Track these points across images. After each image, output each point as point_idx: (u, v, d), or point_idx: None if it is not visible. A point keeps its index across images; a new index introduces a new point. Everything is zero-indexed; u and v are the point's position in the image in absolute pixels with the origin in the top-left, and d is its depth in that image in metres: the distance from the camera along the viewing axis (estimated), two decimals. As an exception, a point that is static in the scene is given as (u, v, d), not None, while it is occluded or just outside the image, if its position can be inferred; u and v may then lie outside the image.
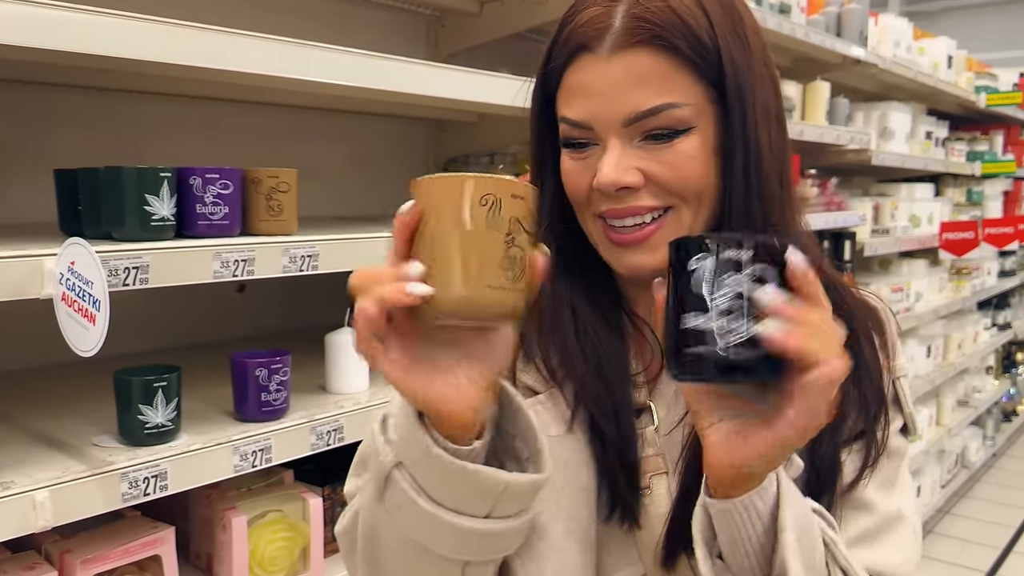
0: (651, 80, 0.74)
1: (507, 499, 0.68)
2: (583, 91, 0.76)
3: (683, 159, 0.76)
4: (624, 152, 0.76)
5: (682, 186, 0.77)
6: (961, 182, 4.77)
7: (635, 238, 0.78)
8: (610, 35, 0.74)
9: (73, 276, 1.04)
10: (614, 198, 0.77)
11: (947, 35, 4.40)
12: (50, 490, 1.09)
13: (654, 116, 0.75)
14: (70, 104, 1.66)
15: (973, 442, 5.01)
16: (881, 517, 0.82)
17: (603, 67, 0.75)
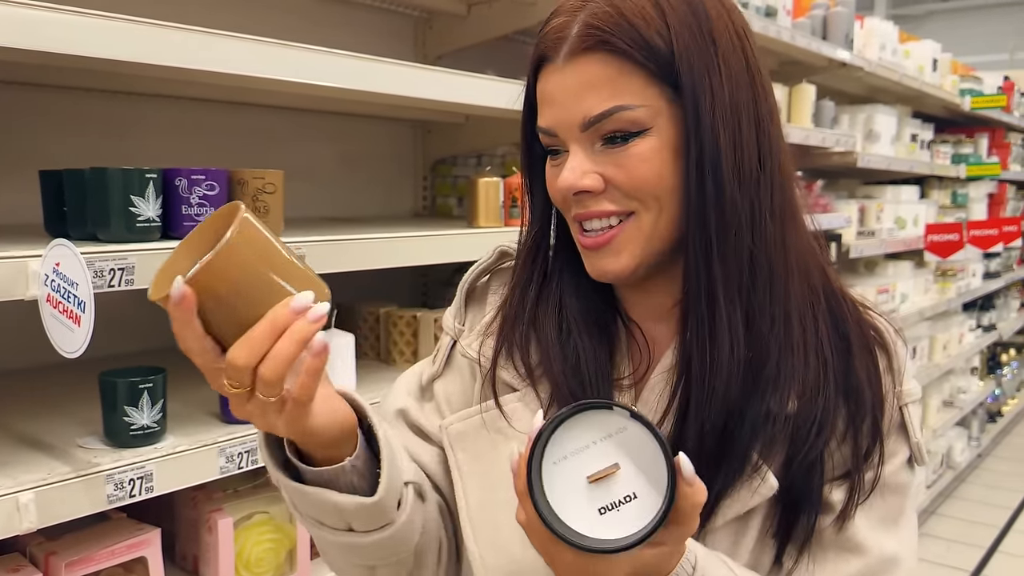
0: (602, 84, 0.75)
1: (352, 517, 0.76)
2: (548, 100, 0.79)
3: (637, 161, 0.76)
4: (584, 157, 0.78)
5: (637, 189, 0.76)
6: (946, 184, 4.81)
7: (597, 242, 0.79)
8: (566, 44, 0.76)
9: (58, 277, 1.04)
10: (581, 202, 0.79)
11: (932, 38, 4.44)
12: (34, 492, 1.09)
13: (607, 119, 0.75)
14: (55, 104, 1.66)
15: (958, 443, 5.04)
16: (875, 560, 0.78)
17: (559, 75, 0.77)
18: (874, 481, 0.78)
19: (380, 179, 2.31)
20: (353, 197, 2.24)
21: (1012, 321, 6.05)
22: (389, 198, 2.36)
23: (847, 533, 0.78)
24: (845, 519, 0.78)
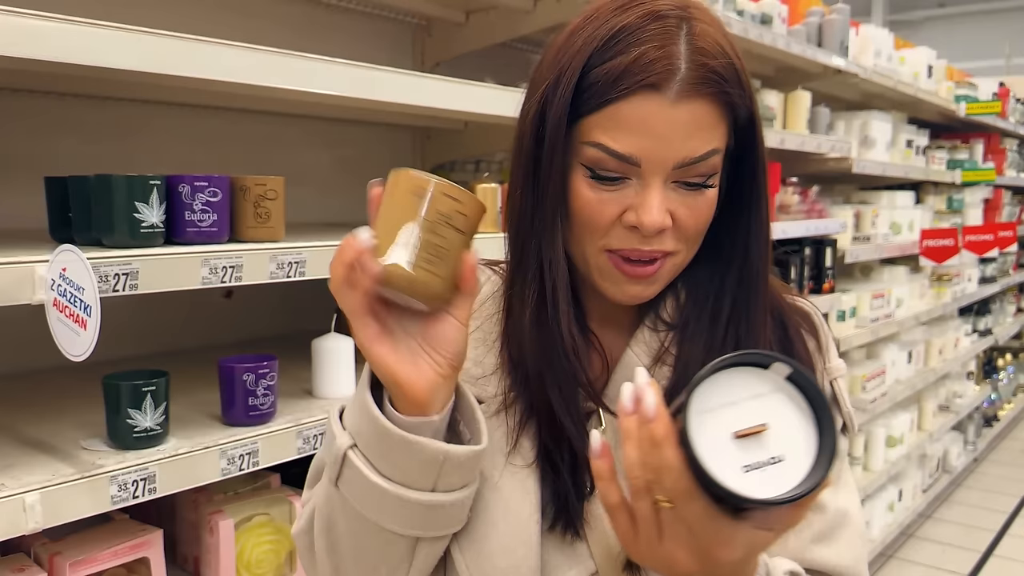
0: (707, 128, 0.77)
1: (448, 470, 0.73)
2: (639, 127, 0.75)
3: (706, 206, 0.80)
4: (664, 195, 0.77)
5: (696, 230, 0.80)
6: (942, 190, 4.84)
7: (645, 272, 0.80)
8: (677, 80, 0.74)
9: (64, 282, 1.06)
10: (639, 239, 0.78)
11: (929, 44, 4.47)
12: (40, 493, 1.11)
13: (703, 162, 0.77)
14: (59, 111, 1.68)
15: (954, 447, 5.07)
16: (832, 516, 0.86)
17: (668, 110, 0.75)
18: None
19: (379, 185, 2.33)
20: (353, 203, 2.26)
21: (1008, 326, 6.08)
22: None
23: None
24: None
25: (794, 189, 3.10)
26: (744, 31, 2.52)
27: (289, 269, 1.38)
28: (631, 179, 0.78)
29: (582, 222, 0.80)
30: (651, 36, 0.75)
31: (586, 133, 0.78)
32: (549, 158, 0.80)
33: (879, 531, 4.02)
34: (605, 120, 0.76)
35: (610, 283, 0.82)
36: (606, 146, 0.76)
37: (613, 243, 0.79)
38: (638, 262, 0.79)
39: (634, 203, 0.78)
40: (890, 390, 3.94)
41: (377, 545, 0.77)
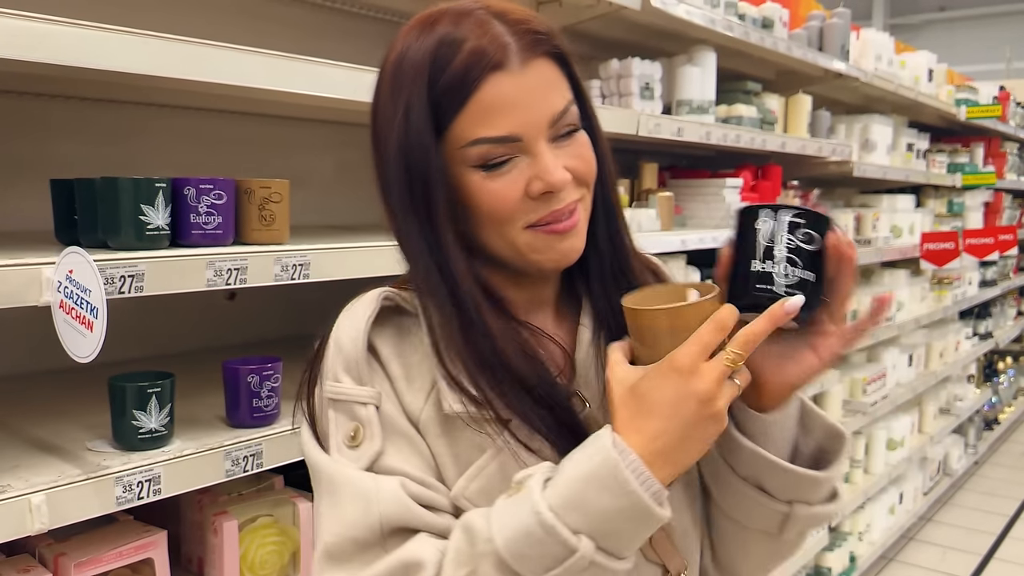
0: (555, 82, 0.84)
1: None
2: (504, 106, 0.80)
3: (585, 149, 0.86)
4: (553, 152, 0.83)
5: (589, 172, 0.87)
6: (942, 193, 4.84)
7: (571, 224, 0.84)
8: (514, 52, 0.80)
9: (71, 284, 1.07)
10: (554, 200, 0.83)
11: (929, 48, 4.48)
12: (46, 494, 1.12)
13: (566, 114, 0.83)
14: (65, 114, 1.69)
15: (955, 450, 5.07)
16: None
17: (519, 79, 0.80)
18: None
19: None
20: (355, 205, 2.27)
21: (1008, 329, 6.08)
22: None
23: None
24: None
25: (795, 192, 3.11)
26: (745, 35, 2.53)
27: (293, 272, 1.39)
28: (517, 156, 0.82)
29: (492, 215, 0.83)
30: (471, 29, 0.81)
31: (460, 137, 0.81)
32: (426, 179, 0.82)
33: (880, 534, 4.02)
34: (472, 116, 0.80)
35: (542, 253, 0.85)
36: (486, 137, 0.80)
37: (531, 217, 0.83)
38: (560, 220, 0.84)
39: (532, 174, 0.82)
40: (891, 393, 3.94)
41: None
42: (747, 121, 2.67)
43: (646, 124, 2.16)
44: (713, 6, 2.42)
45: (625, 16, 2.18)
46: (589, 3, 2.10)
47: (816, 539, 3.32)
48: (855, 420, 3.57)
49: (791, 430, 0.88)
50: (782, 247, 0.80)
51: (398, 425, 0.83)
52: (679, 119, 2.34)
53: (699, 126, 2.37)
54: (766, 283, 0.80)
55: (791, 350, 0.84)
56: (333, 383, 0.84)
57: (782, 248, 0.80)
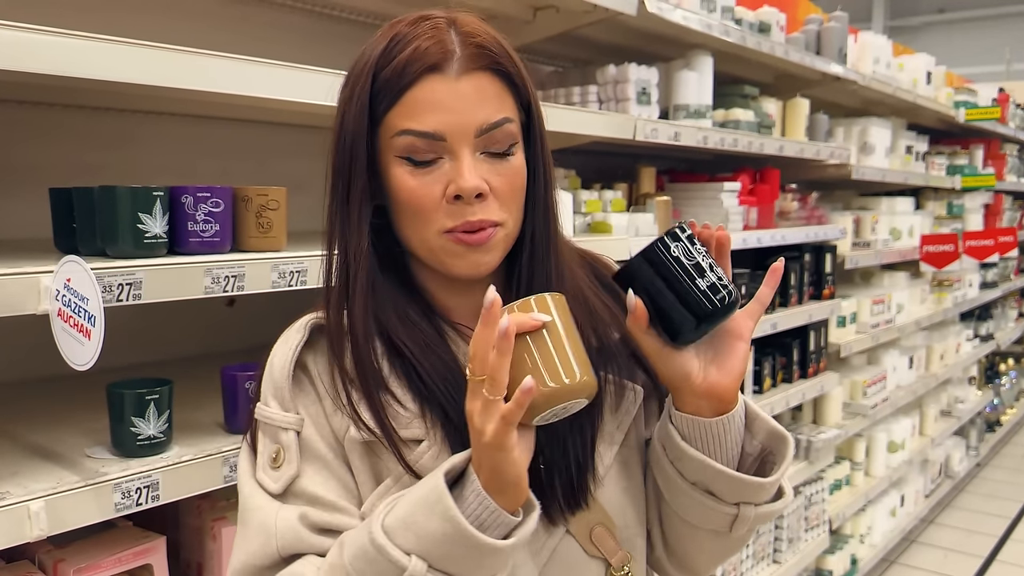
0: (492, 98, 0.86)
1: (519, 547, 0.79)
2: (434, 106, 0.84)
3: (514, 172, 0.88)
4: (475, 163, 0.85)
5: (514, 197, 0.89)
6: (942, 195, 4.85)
7: (480, 239, 0.87)
8: (456, 59, 0.85)
9: (69, 292, 1.08)
10: (467, 210, 0.85)
11: (929, 50, 4.49)
12: (45, 500, 1.12)
13: (498, 128, 0.86)
14: (63, 122, 1.70)
15: (956, 452, 5.07)
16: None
17: (453, 85, 0.84)
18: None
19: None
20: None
21: (1010, 331, 6.08)
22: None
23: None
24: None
25: (793, 195, 3.12)
26: (742, 39, 2.54)
27: (291, 278, 1.39)
28: (444, 157, 0.86)
29: (413, 210, 0.87)
30: (423, 32, 0.86)
31: (392, 127, 0.86)
32: (352, 158, 0.88)
33: (881, 536, 4.02)
34: (404, 109, 0.85)
35: (455, 259, 0.88)
36: (411, 129, 0.85)
37: (447, 223, 0.86)
38: (472, 232, 0.86)
39: (451, 176, 0.85)
40: (891, 395, 3.95)
41: None
42: (744, 125, 2.68)
43: (643, 129, 2.17)
44: (710, 11, 2.43)
45: (621, 22, 2.18)
46: (586, 9, 2.10)
47: (817, 542, 3.33)
48: (855, 422, 3.57)
49: (737, 433, 0.90)
50: (704, 258, 0.85)
51: (317, 450, 0.89)
52: (676, 124, 2.35)
53: (696, 130, 2.38)
54: (717, 292, 0.84)
55: (719, 347, 0.88)
56: (262, 406, 0.91)
57: (705, 258, 0.85)
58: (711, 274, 0.84)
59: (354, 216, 0.89)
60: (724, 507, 0.90)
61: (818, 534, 3.33)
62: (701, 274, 0.84)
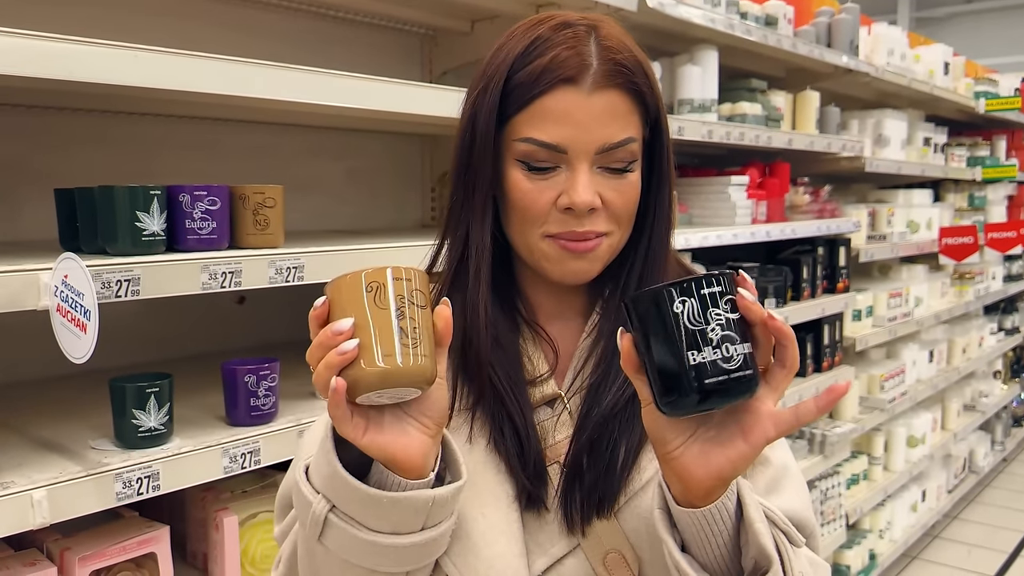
0: (621, 116, 0.86)
1: (436, 510, 0.78)
2: (561, 118, 0.85)
3: (631, 188, 0.89)
4: (591, 177, 0.86)
5: (626, 212, 0.89)
6: (963, 187, 4.79)
7: (586, 247, 0.88)
8: (591, 73, 0.84)
9: (66, 288, 1.11)
10: (574, 221, 0.86)
11: (955, 40, 4.44)
12: (47, 489, 1.16)
13: (621, 148, 0.86)
14: (75, 126, 1.75)
15: (981, 447, 5.01)
16: (776, 467, 0.92)
17: (585, 100, 0.84)
18: None
19: (388, 192, 2.39)
20: (362, 210, 2.32)
21: (1036, 324, 5.99)
22: (398, 211, 2.43)
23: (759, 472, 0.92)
24: None
25: (805, 189, 3.10)
26: (747, 33, 2.54)
27: (288, 274, 1.43)
28: (561, 167, 0.86)
29: (522, 212, 0.88)
30: (563, 40, 0.86)
31: (516, 131, 0.87)
32: (480, 154, 0.89)
33: (901, 532, 3.99)
34: (531, 116, 0.86)
35: (554, 264, 0.89)
36: (534, 138, 0.86)
37: (552, 228, 0.87)
38: (578, 241, 0.87)
39: (566, 187, 0.86)
40: (910, 390, 3.91)
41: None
42: (751, 119, 2.67)
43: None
44: (714, 5, 2.43)
45: (623, 18, 2.19)
46: (587, 5, 2.12)
47: (833, 537, 3.31)
48: (872, 417, 3.55)
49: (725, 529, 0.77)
50: (715, 327, 0.68)
51: None
52: (680, 118, 2.36)
53: (700, 124, 2.39)
54: (711, 375, 0.68)
55: (719, 434, 0.73)
56: None
57: (716, 329, 0.68)
58: (720, 349, 0.67)
59: (478, 210, 0.90)
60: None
61: (834, 528, 3.32)
62: (704, 344, 0.68)
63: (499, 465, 0.88)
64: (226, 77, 1.35)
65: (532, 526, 0.88)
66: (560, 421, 0.91)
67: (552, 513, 0.88)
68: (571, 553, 0.87)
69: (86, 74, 1.18)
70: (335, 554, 0.78)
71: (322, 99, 1.49)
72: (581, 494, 0.86)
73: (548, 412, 0.91)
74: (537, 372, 0.92)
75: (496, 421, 0.89)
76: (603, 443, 0.87)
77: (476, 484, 0.87)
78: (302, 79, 1.45)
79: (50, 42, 1.14)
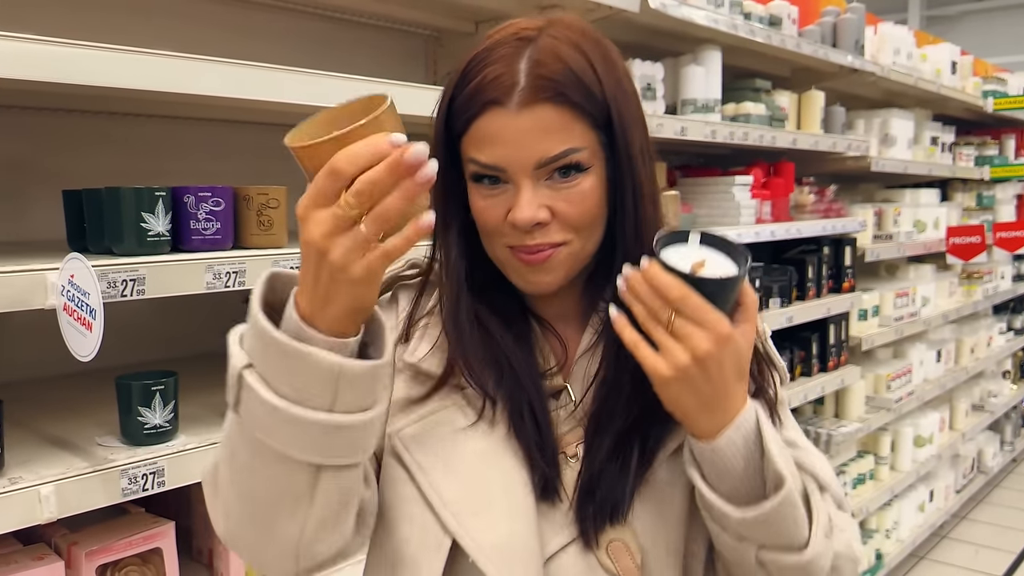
0: (555, 130, 0.85)
1: (344, 386, 0.73)
2: (494, 140, 0.85)
3: (581, 197, 0.87)
4: (535, 192, 0.86)
5: (581, 220, 0.88)
6: (971, 187, 4.78)
7: (536, 259, 0.89)
8: (517, 92, 0.84)
9: (73, 288, 1.14)
10: (525, 234, 0.87)
11: (967, 39, 4.44)
12: (55, 485, 1.19)
13: (560, 160, 0.86)
14: (84, 128, 1.77)
15: (990, 447, 4.99)
16: (803, 449, 0.97)
17: (513, 120, 0.84)
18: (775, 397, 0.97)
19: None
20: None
21: (1046, 324, 5.96)
22: (403, 210, 2.46)
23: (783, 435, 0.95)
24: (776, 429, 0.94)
25: (810, 188, 3.11)
26: (750, 33, 2.55)
27: (291, 274, 1.45)
28: (508, 183, 0.88)
29: (481, 226, 0.91)
30: (495, 59, 0.86)
31: (465, 150, 0.89)
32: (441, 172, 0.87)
33: (908, 532, 3.98)
34: (472, 138, 0.87)
35: (517, 275, 0.92)
36: (475, 159, 0.87)
37: (510, 240, 0.89)
38: (531, 253, 0.88)
39: (512, 203, 0.87)
40: (917, 389, 3.91)
41: (278, 474, 0.76)
42: (755, 119, 2.68)
43: (648, 124, 2.19)
44: (717, 5, 2.44)
45: (626, 18, 2.21)
46: (589, 7, 2.13)
47: (839, 536, 3.31)
48: (879, 416, 3.55)
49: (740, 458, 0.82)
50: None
51: None
52: (682, 118, 2.37)
53: (703, 124, 2.40)
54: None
55: None
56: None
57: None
58: None
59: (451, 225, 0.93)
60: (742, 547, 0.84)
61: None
62: None
63: (517, 452, 0.90)
64: (225, 79, 1.37)
65: (542, 509, 0.90)
66: (566, 414, 0.93)
67: (562, 502, 0.90)
68: (574, 541, 0.89)
69: (89, 78, 1.20)
70: (248, 430, 0.75)
71: (324, 101, 1.51)
72: (594, 507, 0.88)
73: (553, 404, 0.94)
74: (547, 366, 0.95)
75: (517, 408, 0.90)
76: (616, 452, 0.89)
77: (496, 465, 0.89)
78: (304, 81, 1.48)
79: (54, 46, 1.17)
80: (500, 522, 0.87)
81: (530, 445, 0.89)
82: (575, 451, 0.92)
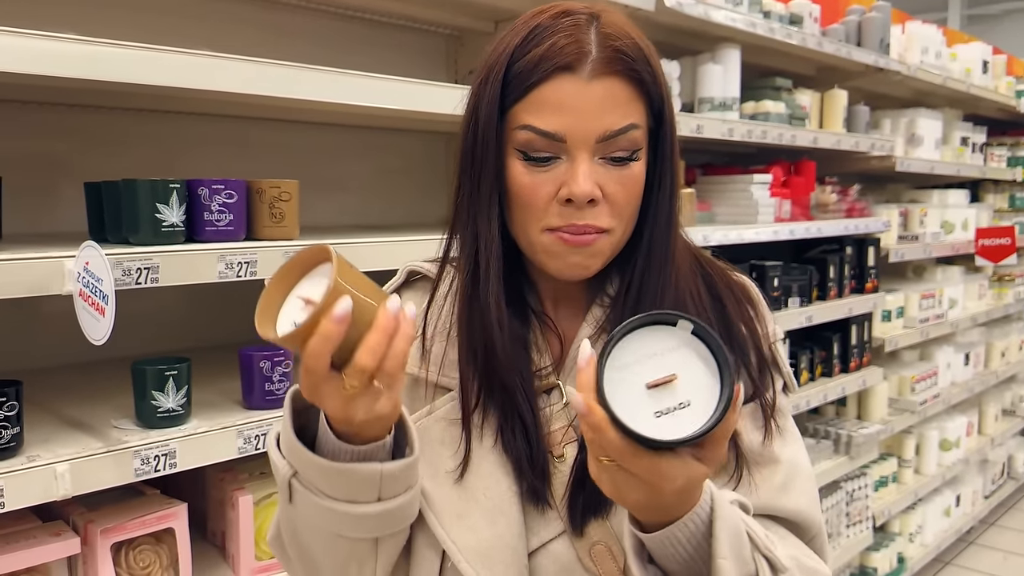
0: (622, 104, 0.85)
1: (388, 483, 0.80)
2: (559, 106, 0.84)
3: (633, 180, 0.87)
4: (591, 167, 0.85)
5: (628, 204, 0.88)
6: (1003, 188, 4.71)
7: (584, 240, 0.87)
8: (590, 60, 0.83)
9: (88, 275, 1.19)
10: (575, 213, 0.85)
11: (1009, 38, 4.37)
12: (70, 463, 1.24)
13: (623, 135, 0.84)
14: (112, 124, 1.83)
15: (1020, 453, 4.91)
16: (787, 467, 0.93)
17: (584, 88, 0.83)
18: (772, 405, 0.94)
19: (414, 189, 2.45)
20: (390, 207, 2.38)
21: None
22: (424, 207, 2.49)
23: (768, 450, 0.93)
24: (766, 437, 0.93)
25: (832, 188, 3.09)
26: (770, 32, 2.55)
27: (302, 265, 1.49)
28: (561, 158, 0.86)
29: (522, 204, 0.88)
30: (562, 28, 0.85)
31: (516, 120, 0.86)
32: (483, 145, 0.88)
33: (933, 536, 3.94)
34: (530, 104, 0.85)
35: (554, 259, 0.89)
36: (533, 126, 0.85)
37: (553, 222, 0.87)
38: (576, 234, 0.86)
39: (565, 178, 0.85)
40: (944, 392, 3.86)
41: (341, 548, 0.85)
42: (775, 117, 2.68)
43: (663, 122, 2.21)
44: (736, 4, 2.44)
45: (642, 17, 2.22)
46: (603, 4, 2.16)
47: (859, 538, 3.29)
48: (902, 419, 3.52)
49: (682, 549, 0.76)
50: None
51: None
52: (699, 116, 2.38)
53: (720, 123, 2.41)
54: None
55: None
56: None
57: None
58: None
59: (484, 203, 0.89)
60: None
61: (860, 530, 3.30)
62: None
63: (506, 465, 0.91)
64: (245, 77, 1.42)
65: (527, 510, 0.91)
66: (557, 410, 0.93)
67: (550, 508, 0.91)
68: (559, 537, 0.91)
69: (118, 75, 1.26)
70: (305, 519, 0.83)
71: (346, 99, 1.56)
72: (584, 499, 0.89)
73: (546, 400, 0.93)
74: (542, 364, 0.94)
75: (507, 419, 0.91)
76: None
77: (481, 471, 0.91)
78: (325, 79, 1.52)
79: (85, 45, 1.22)
80: (482, 527, 0.89)
81: (520, 458, 0.90)
82: (562, 451, 0.91)
